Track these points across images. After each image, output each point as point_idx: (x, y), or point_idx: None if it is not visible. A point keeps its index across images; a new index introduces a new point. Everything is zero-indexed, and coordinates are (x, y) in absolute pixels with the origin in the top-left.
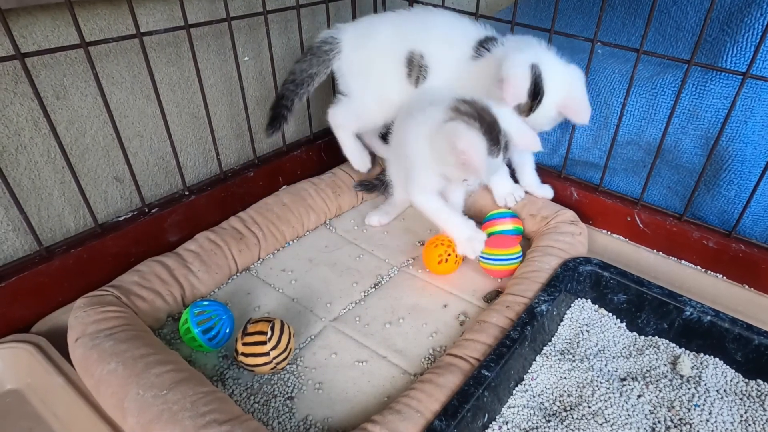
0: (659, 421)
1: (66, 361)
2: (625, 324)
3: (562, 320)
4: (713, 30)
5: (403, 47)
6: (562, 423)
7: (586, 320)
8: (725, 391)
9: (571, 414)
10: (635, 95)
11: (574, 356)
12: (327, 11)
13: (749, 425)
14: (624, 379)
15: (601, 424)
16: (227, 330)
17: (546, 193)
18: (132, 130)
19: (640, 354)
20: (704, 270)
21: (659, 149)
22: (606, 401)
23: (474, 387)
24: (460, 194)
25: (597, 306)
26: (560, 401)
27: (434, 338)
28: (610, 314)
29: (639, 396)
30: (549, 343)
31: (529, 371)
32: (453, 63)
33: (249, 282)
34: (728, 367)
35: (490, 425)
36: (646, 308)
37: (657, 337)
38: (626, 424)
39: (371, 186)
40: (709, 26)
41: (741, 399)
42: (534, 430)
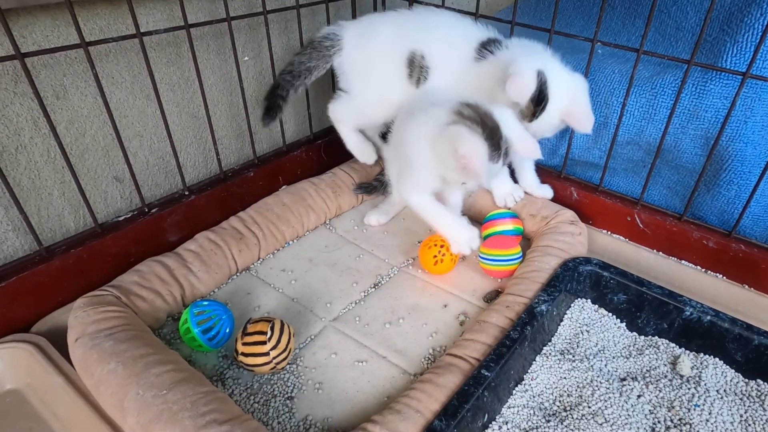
0: (659, 421)
1: (66, 361)
2: (625, 324)
3: (562, 320)
4: (713, 30)
5: (405, 47)
6: (562, 423)
7: (586, 320)
8: (725, 391)
9: (571, 414)
10: (635, 95)
11: (574, 356)
12: (327, 11)
13: (749, 425)
14: (624, 379)
15: (601, 424)
16: (227, 330)
17: (546, 193)
18: (132, 130)
19: (640, 354)
20: (704, 270)
21: (659, 149)
22: (606, 401)
23: (474, 387)
24: (459, 195)
25: (597, 306)
26: (560, 401)
27: (434, 338)
28: (610, 314)
29: (639, 396)
30: (549, 343)
31: (529, 371)
32: (455, 64)
33: (249, 282)
34: (728, 367)
35: (490, 425)
36: (646, 308)
37: (657, 337)
38: (626, 424)
39: (371, 188)
40: (709, 26)
41: (741, 399)
42: (534, 430)
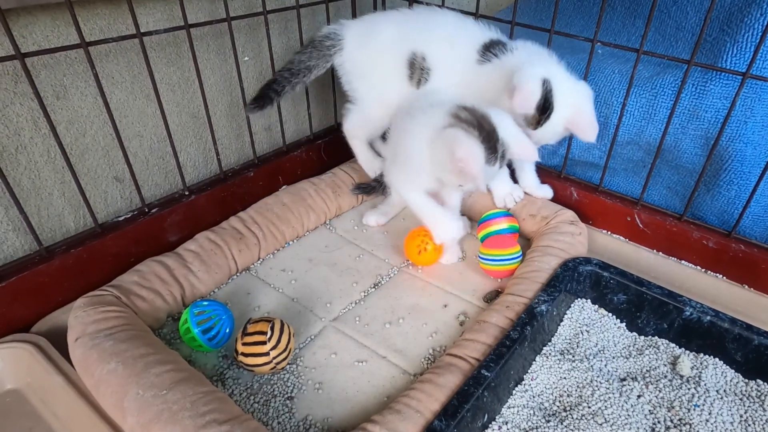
0: (659, 421)
1: (66, 361)
2: (625, 324)
3: (562, 320)
4: (713, 30)
5: (405, 48)
6: (562, 423)
7: (586, 320)
8: (725, 391)
9: (571, 414)
10: (635, 95)
11: (574, 356)
12: (327, 11)
13: (749, 425)
14: (624, 379)
15: (601, 424)
16: (227, 330)
17: (546, 194)
18: (132, 130)
19: (640, 354)
20: (704, 270)
21: (659, 149)
22: (606, 401)
23: (474, 387)
24: (457, 196)
25: (597, 306)
26: (560, 401)
27: (434, 338)
28: (610, 314)
29: (639, 396)
30: (549, 343)
31: (529, 371)
32: (456, 66)
33: (249, 282)
34: (728, 367)
35: (490, 425)
36: (646, 308)
37: (657, 337)
38: (626, 424)
39: (369, 188)
40: (709, 26)
41: (741, 399)
42: (534, 430)
